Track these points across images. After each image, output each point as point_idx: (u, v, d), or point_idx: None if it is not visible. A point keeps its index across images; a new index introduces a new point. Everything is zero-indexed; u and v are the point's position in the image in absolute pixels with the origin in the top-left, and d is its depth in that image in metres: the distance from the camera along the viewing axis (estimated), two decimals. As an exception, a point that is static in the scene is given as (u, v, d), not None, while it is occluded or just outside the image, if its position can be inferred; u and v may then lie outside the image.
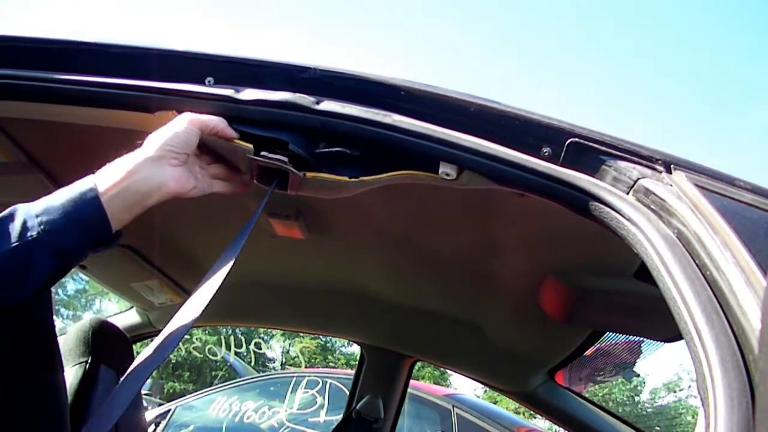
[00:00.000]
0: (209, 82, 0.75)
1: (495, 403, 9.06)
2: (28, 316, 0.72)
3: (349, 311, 1.72)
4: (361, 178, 0.75)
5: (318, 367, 14.73)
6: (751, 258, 0.50)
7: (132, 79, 0.76)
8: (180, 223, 1.29)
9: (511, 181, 0.69)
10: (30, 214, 0.60)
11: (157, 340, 0.63)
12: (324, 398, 3.77)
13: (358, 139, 0.73)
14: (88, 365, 1.14)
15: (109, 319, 1.65)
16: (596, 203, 0.64)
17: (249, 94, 0.73)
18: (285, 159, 0.73)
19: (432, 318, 1.60)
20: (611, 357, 1.53)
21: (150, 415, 3.75)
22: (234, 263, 0.69)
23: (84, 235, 0.63)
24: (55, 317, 0.80)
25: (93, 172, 0.66)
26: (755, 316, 0.46)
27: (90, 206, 0.62)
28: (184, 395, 4.83)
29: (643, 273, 0.65)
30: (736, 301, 0.48)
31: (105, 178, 0.65)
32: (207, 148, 0.76)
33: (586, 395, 1.75)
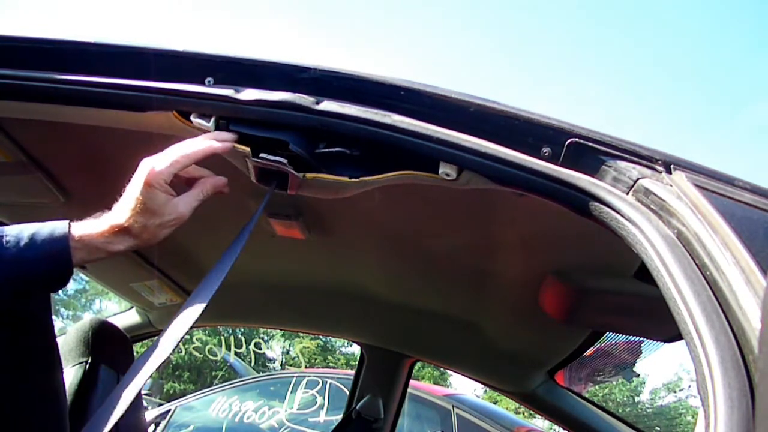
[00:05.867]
0: (209, 82, 0.75)
1: (495, 403, 9.07)
2: (27, 316, 0.72)
3: (349, 311, 1.72)
4: (362, 179, 0.75)
5: (318, 368, 14.73)
6: (751, 258, 0.50)
7: (132, 80, 0.75)
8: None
9: (511, 181, 0.69)
10: None
11: (158, 341, 0.63)
12: (324, 398, 3.77)
13: (358, 139, 0.73)
14: (88, 365, 1.14)
15: (109, 319, 1.65)
16: (596, 203, 0.64)
17: (249, 94, 0.73)
18: (284, 160, 0.73)
19: (432, 318, 1.60)
20: (611, 357, 1.53)
21: (150, 415, 3.75)
22: (234, 263, 0.69)
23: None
24: (55, 317, 0.80)
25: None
26: (755, 316, 0.46)
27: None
28: (184, 395, 4.82)
29: (643, 273, 0.65)
30: (736, 301, 0.48)
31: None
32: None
33: (586, 395, 1.75)
